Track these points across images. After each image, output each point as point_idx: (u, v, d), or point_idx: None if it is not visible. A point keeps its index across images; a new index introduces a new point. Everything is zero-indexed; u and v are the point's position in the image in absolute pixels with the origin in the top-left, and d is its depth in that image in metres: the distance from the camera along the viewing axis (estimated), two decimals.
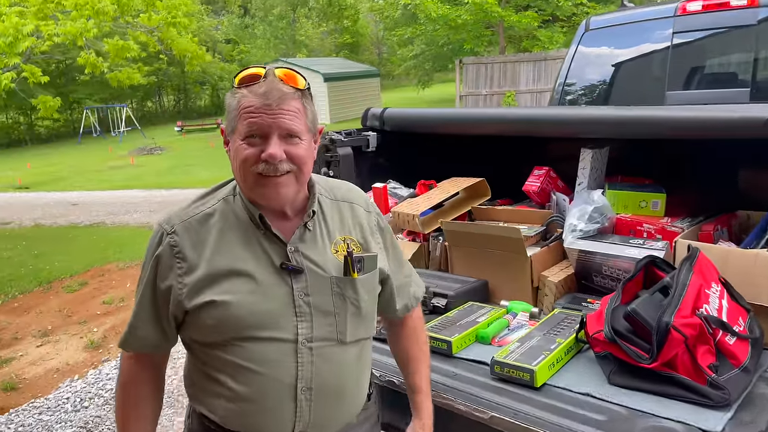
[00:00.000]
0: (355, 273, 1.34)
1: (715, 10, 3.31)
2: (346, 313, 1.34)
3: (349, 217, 1.43)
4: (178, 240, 1.30)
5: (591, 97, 3.80)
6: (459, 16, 12.99)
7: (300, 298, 1.29)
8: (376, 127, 2.78)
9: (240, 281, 1.27)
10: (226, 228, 1.31)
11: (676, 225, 2.10)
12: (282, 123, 1.23)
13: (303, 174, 1.30)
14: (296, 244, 1.32)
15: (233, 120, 1.26)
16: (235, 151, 1.26)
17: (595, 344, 1.70)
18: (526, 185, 2.49)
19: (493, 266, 2.21)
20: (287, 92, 1.24)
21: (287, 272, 1.30)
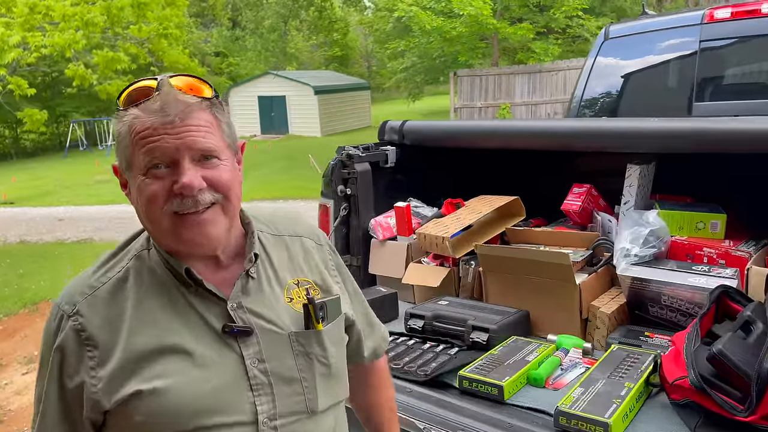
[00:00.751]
0: (320, 324, 1.08)
1: (744, 17, 3.13)
2: (314, 375, 1.07)
3: (300, 254, 1.17)
4: (83, 322, 0.99)
5: (611, 109, 3.61)
6: (454, 28, 12.87)
7: (254, 368, 1.01)
8: (395, 141, 2.57)
9: (173, 360, 0.98)
10: (144, 294, 1.02)
11: (742, 249, 1.89)
12: (192, 142, 0.96)
13: (231, 204, 1.03)
14: (239, 299, 1.04)
15: (126, 151, 0.98)
16: (137, 191, 0.98)
17: (672, 391, 1.48)
18: (565, 204, 2.28)
19: (535, 295, 2.00)
20: (191, 102, 0.98)
21: (232, 337, 1.02)
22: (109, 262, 1.07)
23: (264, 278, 1.10)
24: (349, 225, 2.46)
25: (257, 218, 1.16)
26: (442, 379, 1.73)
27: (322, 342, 1.09)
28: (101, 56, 8.02)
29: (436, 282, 2.19)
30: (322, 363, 1.08)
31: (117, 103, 1.00)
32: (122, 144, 0.99)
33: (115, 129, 1.01)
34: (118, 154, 1.01)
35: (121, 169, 1.02)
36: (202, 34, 31.37)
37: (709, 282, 1.74)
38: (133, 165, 0.98)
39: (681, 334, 1.58)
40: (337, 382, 1.13)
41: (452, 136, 2.49)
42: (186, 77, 1.03)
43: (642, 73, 3.58)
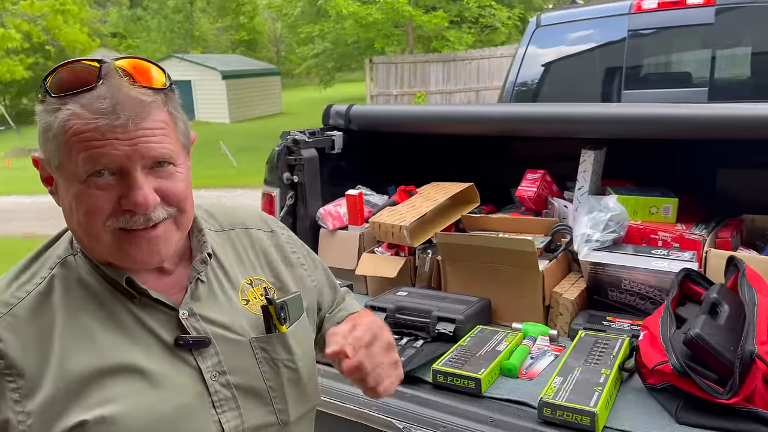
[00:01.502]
0: (283, 326, 0.97)
1: (670, 8, 3.26)
2: (282, 383, 0.97)
3: (248, 248, 1.05)
4: (1, 347, 0.83)
5: (543, 96, 3.66)
6: (370, 14, 12.78)
7: (214, 381, 0.91)
8: (341, 126, 2.45)
9: (121, 381, 0.85)
10: (75, 308, 0.87)
11: (694, 232, 1.94)
12: (146, 149, 0.82)
13: (185, 216, 0.91)
14: (189, 306, 0.92)
15: (57, 150, 0.82)
16: (72, 198, 0.83)
17: (650, 375, 1.48)
18: (519, 190, 2.26)
19: (496, 283, 1.96)
20: (147, 101, 0.82)
21: (187, 349, 0.90)
22: (26, 272, 0.90)
23: (214, 281, 0.97)
24: (296, 215, 2.33)
25: (198, 211, 1.01)
26: (413, 374, 1.65)
27: (287, 345, 0.99)
28: None
29: (392, 272, 2.10)
30: (290, 368, 0.99)
31: (43, 86, 0.82)
32: (52, 139, 0.82)
33: (39, 116, 0.83)
34: (42, 146, 0.84)
35: (48, 166, 0.86)
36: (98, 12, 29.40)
37: (671, 266, 1.77)
38: (66, 167, 0.82)
39: (653, 319, 1.58)
40: (307, 388, 1.02)
41: (402, 121, 2.41)
42: (135, 60, 0.85)
43: (573, 60, 3.65)
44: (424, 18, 13.29)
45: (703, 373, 1.38)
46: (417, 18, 13.32)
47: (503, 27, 15.01)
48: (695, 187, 2.24)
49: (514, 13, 15.01)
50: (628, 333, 1.74)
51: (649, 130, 1.86)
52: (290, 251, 1.10)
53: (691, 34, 3.27)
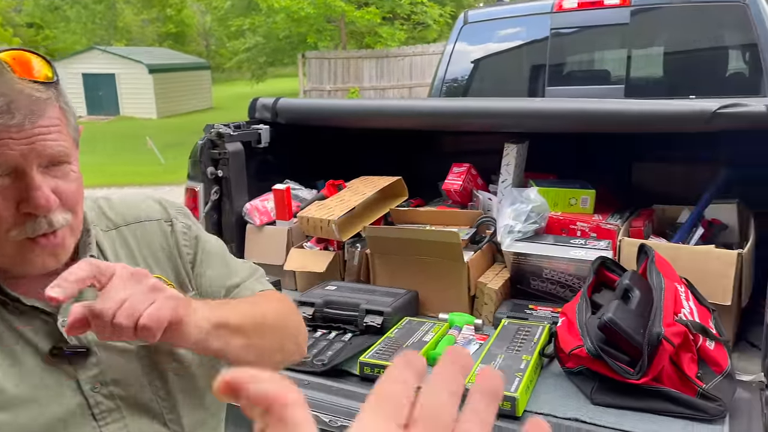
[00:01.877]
0: None
1: (589, 8, 3.38)
2: (173, 392, 0.92)
3: (143, 245, 0.98)
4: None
5: (473, 92, 3.73)
6: (302, 9, 12.64)
7: (95, 393, 0.85)
8: (267, 120, 2.41)
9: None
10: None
11: (610, 222, 2.03)
12: (42, 147, 0.77)
13: (78, 219, 0.86)
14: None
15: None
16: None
17: (567, 360, 1.54)
18: (446, 183, 2.29)
19: (423, 275, 1.99)
20: (42, 98, 0.77)
21: (65, 359, 0.84)
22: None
23: None
24: (221, 210, 2.27)
25: (91, 207, 0.96)
26: (340, 368, 1.65)
27: (174, 353, 0.92)
28: None
29: (321, 267, 2.09)
30: (180, 376, 0.93)
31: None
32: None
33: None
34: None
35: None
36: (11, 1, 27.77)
37: (588, 254, 1.84)
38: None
39: (570, 306, 1.65)
40: (204, 395, 0.97)
41: (329, 115, 2.39)
42: (17, 52, 0.79)
43: (500, 57, 3.74)
44: (356, 13, 13.27)
45: (615, 356, 1.45)
46: (349, 13, 13.28)
47: (435, 24, 15.19)
48: (612, 179, 2.35)
49: (446, 10, 15.20)
50: (548, 320, 1.80)
51: (567, 124, 1.93)
52: (183, 244, 1.03)
53: (608, 33, 3.41)
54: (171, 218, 1.03)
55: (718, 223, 2.00)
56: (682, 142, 2.16)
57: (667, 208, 2.19)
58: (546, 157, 2.38)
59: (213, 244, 1.09)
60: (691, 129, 1.75)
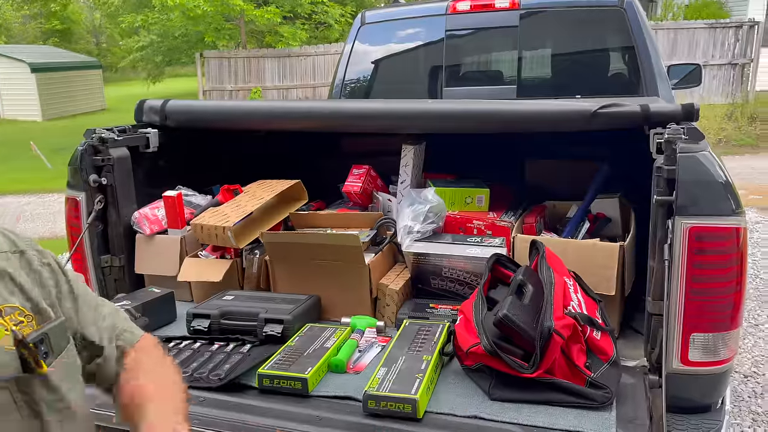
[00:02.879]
0: (44, 366, 0.84)
1: (481, 10, 3.48)
2: (49, 424, 0.86)
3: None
4: None
5: (370, 93, 3.74)
6: (198, 6, 12.18)
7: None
8: (156, 123, 2.29)
9: None
10: None
11: (504, 220, 2.09)
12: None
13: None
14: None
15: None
16: None
17: (466, 357, 1.56)
18: (346, 186, 2.27)
19: (324, 279, 1.96)
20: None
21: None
22: None
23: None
24: (107, 220, 2.13)
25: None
26: (238, 381, 1.59)
27: (51, 385, 0.86)
28: None
29: (217, 276, 2.01)
30: (58, 410, 0.86)
31: None
32: None
33: None
34: None
35: None
36: None
37: (483, 252, 1.89)
38: None
39: (467, 304, 1.67)
40: (83, 421, 0.91)
41: (222, 118, 2.30)
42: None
43: (396, 58, 3.77)
44: (256, 12, 12.99)
45: (511, 351, 1.49)
46: (249, 12, 12.98)
47: (336, 24, 15.16)
48: (506, 176, 2.42)
49: (347, 10, 15.22)
50: (449, 318, 1.83)
51: (461, 125, 1.96)
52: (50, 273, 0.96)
53: (500, 35, 3.52)
54: (20, 249, 0.94)
55: (602, 217, 2.11)
56: (570, 139, 2.26)
57: (558, 203, 2.28)
58: (444, 157, 2.42)
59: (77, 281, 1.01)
60: (573, 128, 1.83)
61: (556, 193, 2.33)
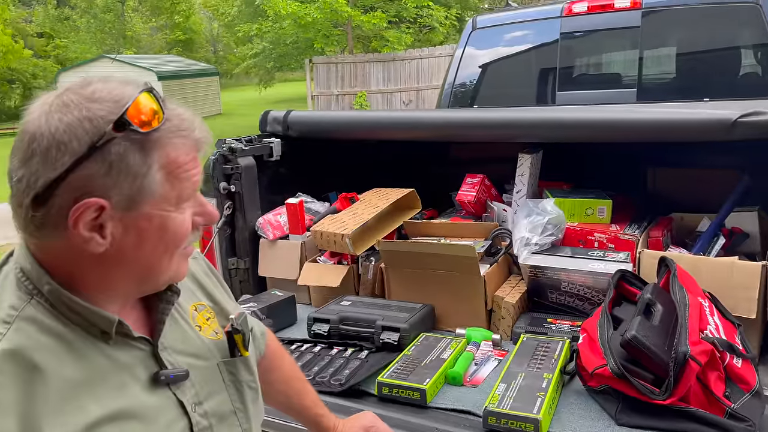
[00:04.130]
0: (246, 350, 0.99)
1: (599, 11, 3.35)
2: (247, 403, 0.99)
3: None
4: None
5: (481, 98, 3.70)
6: (308, 14, 12.65)
7: (195, 413, 0.89)
8: (278, 133, 2.40)
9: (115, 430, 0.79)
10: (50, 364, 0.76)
11: (628, 233, 2.00)
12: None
13: None
14: (161, 339, 0.89)
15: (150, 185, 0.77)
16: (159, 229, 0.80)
17: (590, 378, 1.51)
18: (460, 195, 2.26)
19: (439, 289, 1.96)
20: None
21: (165, 384, 0.86)
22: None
23: (173, 310, 0.94)
24: (234, 225, 2.26)
25: None
26: (357, 387, 1.63)
27: (250, 367, 1.02)
28: None
29: (335, 282, 2.07)
30: (252, 388, 1.02)
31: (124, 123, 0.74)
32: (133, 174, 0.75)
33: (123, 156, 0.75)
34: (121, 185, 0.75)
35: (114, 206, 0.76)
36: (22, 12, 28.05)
37: (606, 267, 1.81)
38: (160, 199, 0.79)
39: (591, 322, 1.61)
40: (261, 403, 1.06)
41: (341, 128, 2.38)
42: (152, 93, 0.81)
43: (509, 62, 3.71)
44: (362, 18, 13.26)
45: (640, 375, 1.42)
46: (356, 18, 13.28)
47: (441, 27, 15.15)
48: (628, 187, 2.31)
49: (451, 12, 15.16)
50: (568, 335, 1.77)
51: (582, 134, 1.90)
52: (213, 274, 1.10)
53: (619, 36, 3.37)
54: (194, 255, 1.07)
55: (739, 232, 1.96)
56: (701, 147, 2.12)
57: (686, 216, 2.15)
58: (560, 166, 2.35)
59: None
60: (711, 138, 1.72)
61: (683, 204, 2.19)
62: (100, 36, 24.91)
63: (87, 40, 25.48)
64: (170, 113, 0.80)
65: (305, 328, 1.94)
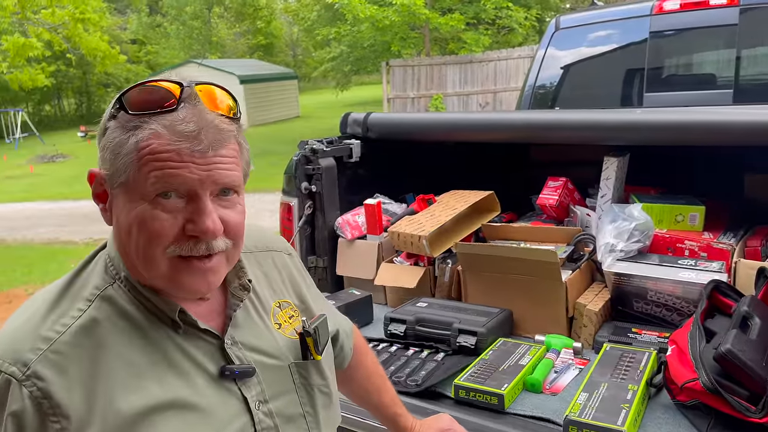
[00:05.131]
0: (319, 354, 0.98)
1: (693, 9, 3.19)
2: (317, 407, 0.98)
3: (273, 271, 1.04)
4: (45, 387, 0.77)
5: (563, 99, 3.61)
6: (386, 17, 12.76)
7: (259, 411, 0.89)
8: (358, 134, 2.43)
9: (171, 418, 0.81)
10: (120, 342, 0.82)
11: (723, 241, 1.89)
12: (218, 176, 0.81)
13: (237, 251, 0.89)
14: (231, 334, 0.91)
15: (127, 167, 0.79)
16: (135, 221, 0.80)
17: (678, 392, 1.44)
18: (541, 198, 2.22)
19: (518, 294, 1.92)
20: (225, 129, 0.82)
21: (231, 379, 0.88)
22: (61, 302, 0.84)
23: (249, 305, 0.96)
24: (314, 224, 2.31)
25: None
26: (434, 389, 1.62)
27: (322, 371, 1.00)
28: (12, 42, 7.36)
29: (412, 283, 2.08)
30: (324, 393, 1.00)
31: (119, 102, 0.81)
32: (123, 156, 0.79)
33: (111, 132, 0.81)
34: (108, 161, 0.81)
35: (105, 180, 0.83)
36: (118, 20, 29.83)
37: (698, 276, 1.72)
38: (133, 185, 0.80)
39: (681, 333, 1.54)
40: (334, 410, 1.03)
41: (420, 129, 2.38)
42: (212, 87, 0.85)
43: (593, 63, 3.59)
44: (440, 20, 13.23)
45: (734, 390, 1.34)
46: (433, 20, 13.26)
47: (520, 28, 14.89)
48: (723, 193, 2.19)
49: (531, 13, 14.87)
50: (654, 346, 1.70)
51: (676, 137, 1.81)
52: (306, 274, 1.12)
53: (714, 35, 3.20)
54: (290, 252, 1.11)
55: None
56: None
57: None
58: (648, 170, 2.25)
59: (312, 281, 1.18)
60: None
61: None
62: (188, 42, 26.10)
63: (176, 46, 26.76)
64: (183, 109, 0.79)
65: (381, 328, 1.96)
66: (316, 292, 1.14)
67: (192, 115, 0.79)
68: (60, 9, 8.01)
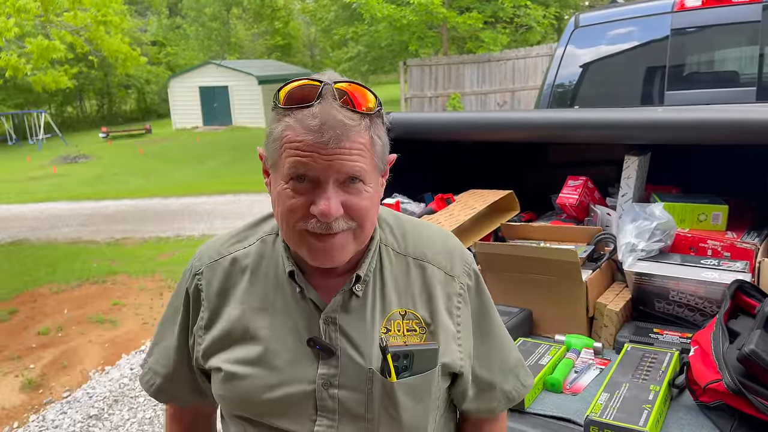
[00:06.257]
0: (394, 376, 0.97)
1: (715, 5, 3.15)
2: (379, 421, 0.99)
3: (417, 283, 1.04)
4: (204, 284, 1.07)
5: (583, 97, 3.58)
6: (404, 17, 12.76)
7: (323, 389, 0.99)
8: None
9: (254, 351, 1.01)
10: (256, 278, 1.05)
11: (746, 241, 1.87)
12: (340, 165, 0.91)
13: (364, 231, 0.98)
14: (335, 314, 1.00)
15: (274, 152, 0.96)
16: (277, 195, 0.97)
17: (701, 393, 1.42)
18: (560, 197, 2.21)
19: (538, 293, 1.92)
20: (350, 125, 0.90)
21: (315, 351, 1.00)
22: (240, 235, 1.11)
23: (370, 299, 1.01)
24: None
25: (393, 227, 1.09)
26: None
27: (392, 395, 0.98)
28: (36, 45, 7.49)
29: None
30: (389, 414, 1.00)
31: (276, 96, 0.95)
32: (272, 142, 0.96)
33: (270, 121, 0.97)
34: (267, 145, 0.98)
35: (268, 162, 1.00)
36: (138, 22, 30.19)
37: (722, 276, 1.70)
38: (277, 167, 0.96)
39: (704, 334, 1.52)
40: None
41: (439, 129, 2.38)
42: (351, 84, 0.95)
43: (613, 61, 3.57)
44: (458, 19, 13.20)
45: (758, 392, 1.32)
46: (451, 19, 13.24)
47: (538, 26, 14.79)
48: (747, 192, 2.16)
49: (550, 11, 14.76)
50: (677, 346, 1.68)
51: (698, 136, 1.79)
52: (455, 306, 1.06)
53: (737, 31, 3.16)
54: (454, 275, 1.07)
55: None
56: None
57: None
58: (669, 169, 2.23)
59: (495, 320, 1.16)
60: None
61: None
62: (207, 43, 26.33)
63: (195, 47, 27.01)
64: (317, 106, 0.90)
65: None
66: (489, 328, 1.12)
67: (320, 111, 0.90)
68: (82, 12, 8.12)
